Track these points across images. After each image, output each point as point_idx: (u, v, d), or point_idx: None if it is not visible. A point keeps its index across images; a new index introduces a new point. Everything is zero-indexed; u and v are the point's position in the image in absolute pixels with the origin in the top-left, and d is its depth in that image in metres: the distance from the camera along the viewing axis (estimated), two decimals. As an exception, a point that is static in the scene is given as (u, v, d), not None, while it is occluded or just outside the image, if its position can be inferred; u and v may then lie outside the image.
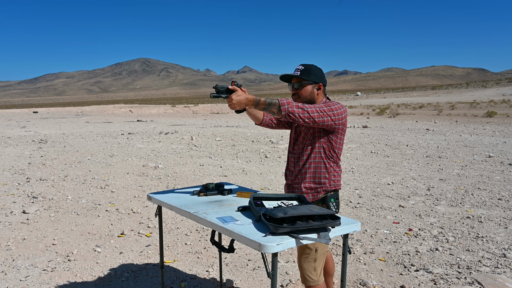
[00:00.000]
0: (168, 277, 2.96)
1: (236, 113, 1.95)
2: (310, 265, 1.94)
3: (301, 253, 1.97)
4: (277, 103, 1.82)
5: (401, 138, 12.14)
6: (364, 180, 6.28)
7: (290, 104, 1.83)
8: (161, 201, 2.11)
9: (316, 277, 1.94)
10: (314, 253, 1.92)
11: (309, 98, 2.04)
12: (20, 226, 4.07)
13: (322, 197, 2.02)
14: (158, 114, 33.38)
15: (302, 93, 2.03)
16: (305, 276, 1.95)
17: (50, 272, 3.03)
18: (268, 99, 1.84)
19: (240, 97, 1.85)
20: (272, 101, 1.83)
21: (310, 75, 2.02)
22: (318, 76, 2.04)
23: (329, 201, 2.01)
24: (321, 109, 1.89)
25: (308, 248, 1.92)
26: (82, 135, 13.81)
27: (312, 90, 2.03)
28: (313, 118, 1.86)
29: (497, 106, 28.15)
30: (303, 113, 1.84)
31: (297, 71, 2.04)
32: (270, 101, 1.83)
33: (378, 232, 3.89)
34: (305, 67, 2.04)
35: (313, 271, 1.94)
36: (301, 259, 1.96)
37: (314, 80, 2.02)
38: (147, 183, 6.11)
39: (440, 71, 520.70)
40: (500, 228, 3.98)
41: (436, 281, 2.85)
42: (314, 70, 2.03)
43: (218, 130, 15.21)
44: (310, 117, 1.85)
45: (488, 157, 8.36)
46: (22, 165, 7.60)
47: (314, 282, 1.94)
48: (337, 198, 2.05)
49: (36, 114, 32.94)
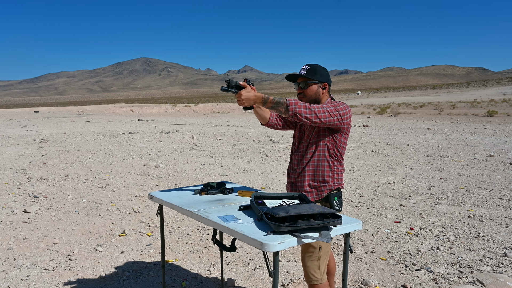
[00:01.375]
0: (169, 276, 2.96)
1: (244, 110, 1.97)
2: (314, 264, 1.94)
3: (305, 251, 1.97)
4: (284, 102, 1.84)
5: (402, 138, 12.13)
6: (365, 179, 6.28)
7: (298, 104, 1.85)
8: (162, 200, 2.11)
9: (319, 275, 1.95)
10: (318, 251, 1.93)
11: (315, 98, 2.06)
12: (21, 225, 4.08)
13: (325, 195, 2.04)
14: (159, 114, 33.40)
15: (308, 92, 2.05)
16: (309, 274, 1.96)
17: (51, 271, 3.04)
18: (276, 98, 1.86)
19: (249, 94, 1.86)
20: (280, 100, 1.85)
21: (316, 74, 2.04)
22: (323, 76, 2.06)
23: (333, 200, 2.02)
24: (328, 109, 1.91)
25: (312, 246, 1.93)
26: (83, 134, 13.83)
27: (318, 90, 2.05)
28: (319, 118, 1.88)
29: (497, 106, 28.10)
30: (310, 113, 1.86)
31: (302, 71, 2.06)
32: (278, 100, 1.85)
33: (379, 232, 3.89)
34: (311, 67, 2.06)
35: (317, 269, 1.94)
36: (305, 257, 1.97)
37: (319, 80, 2.05)
38: (148, 182, 6.12)
39: (441, 71, 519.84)
40: (501, 227, 3.98)
41: (437, 280, 2.85)
42: (320, 70, 2.06)
43: (219, 130, 15.21)
44: (317, 117, 1.87)
45: (489, 156, 8.35)
46: (23, 165, 7.62)
47: (318, 281, 1.95)
48: (340, 197, 2.06)
49: (37, 114, 32.98)
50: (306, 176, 2.05)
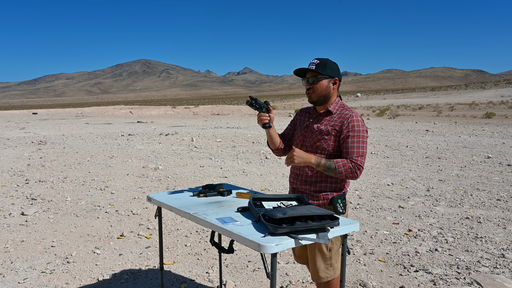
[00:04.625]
0: (168, 279, 2.95)
1: (263, 127, 2.08)
2: (326, 263, 1.94)
3: (314, 254, 1.95)
4: (334, 168, 1.88)
5: (401, 139, 12.15)
6: (364, 181, 6.29)
7: (349, 167, 1.88)
8: (160, 202, 2.11)
9: (332, 271, 1.95)
10: (329, 252, 1.93)
11: (325, 94, 1.97)
12: (18, 228, 4.07)
13: (329, 199, 1.99)
14: (159, 115, 33.37)
15: (317, 88, 1.96)
16: (320, 274, 1.94)
17: (48, 274, 3.02)
18: (327, 162, 1.89)
19: (303, 156, 1.90)
20: (331, 166, 1.89)
21: (326, 69, 1.94)
22: (334, 70, 1.96)
23: (336, 202, 1.97)
24: (364, 147, 1.91)
25: (322, 250, 1.92)
26: (82, 136, 13.81)
27: (328, 85, 1.96)
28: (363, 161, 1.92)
29: (495, 107, 28.20)
30: (362, 161, 1.89)
31: (312, 65, 1.95)
32: (329, 166, 1.89)
33: (378, 233, 3.89)
34: (321, 61, 1.95)
35: (330, 267, 1.95)
36: (316, 260, 1.94)
37: (330, 75, 1.95)
38: (147, 185, 6.11)
39: (439, 73, 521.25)
40: (499, 228, 3.98)
41: (435, 281, 2.85)
42: (330, 64, 1.95)
43: (219, 131, 15.21)
44: (364, 160, 1.90)
45: (487, 158, 8.37)
46: (21, 167, 7.60)
47: (331, 276, 1.95)
48: (344, 199, 2.00)
49: (35, 116, 32.93)
50: (310, 182, 1.99)
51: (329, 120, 1.98)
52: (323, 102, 2.00)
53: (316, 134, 1.99)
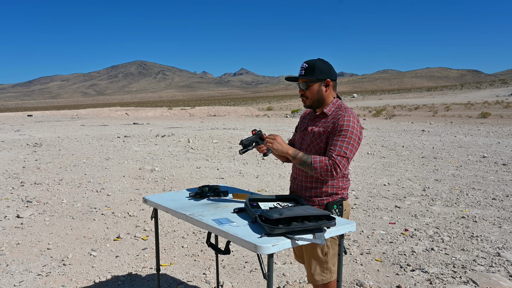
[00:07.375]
0: (165, 281, 2.94)
1: (264, 156, 2.06)
2: (322, 266, 1.92)
3: (310, 258, 1.93)
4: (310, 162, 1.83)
5: (397, 139, 12.21)
6: (361, 181, 6.31)
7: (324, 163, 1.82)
8: (156, 203, 2.11)
9: (329, 274, 1.92)
10: (324, 257, 1.90)
11: (317, 97, 1.93)
12: (14, 231, 4.04)
13: (325, 204, 1.95)
14: (155, 117, 33.28)
15: (309, 93, 1.92)
16: (316, 278, 1.93)
17: (44, 277, 3.00)
18: (304, 156, 1.86)
19: (282, 146, 1.89)
20: (307, 160, 1.84)
21: (315, 72, 1.88)
22: (324, 72, 1.90)
23: (331, 208, 1.93)
24: (348, 148, 1.83)
25: (318, 255, 1.90)
26: (78, 138, 13.73)
27: (319, 89, 1.91)
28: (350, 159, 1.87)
29: (491, 107, 28.44)
30: (345, 164, 1.82)
31: (301, 70, 1.91)
32: (305, 160, 1.84)
33: (374, 233, 3.91)
34: (309, 65, 1.90)
35: (326, 270, 1.92)
36: (312, 263, 1.93)
37: (319, 77, 1.89)
38: (144, 186, 6.08)
39: (435, 73, 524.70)
40: (494, 227, 4.01)
41: (431, 280, 2.87)
42: (319, 66, 1.89)
43: (215, 133, 15.19)
44: (350, 160, 1.85)
45: (482, 157, 8.43)
46: (16, 169, 7.54)
47: (327, 280, 1.92)
48: (341, 205, 1.96)
49: (30, 118, 32.70)
50: (308, 186, 1.96)
51: (323, 122, 1.95)
52: (318, 105, 1.98)
53: (310, 136, 1.97)
